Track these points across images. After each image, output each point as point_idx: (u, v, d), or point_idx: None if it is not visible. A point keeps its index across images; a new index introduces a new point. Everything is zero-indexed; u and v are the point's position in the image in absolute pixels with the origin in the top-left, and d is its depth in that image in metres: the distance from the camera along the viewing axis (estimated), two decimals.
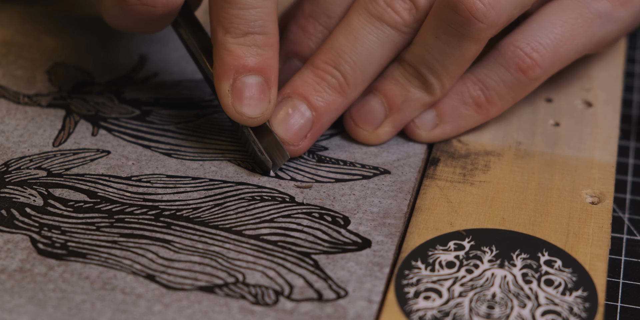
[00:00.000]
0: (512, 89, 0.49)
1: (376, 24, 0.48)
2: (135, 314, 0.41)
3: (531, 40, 0.48)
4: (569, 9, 0.49)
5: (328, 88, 0.48)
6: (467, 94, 0.49)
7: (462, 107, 0.49)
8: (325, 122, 0.48)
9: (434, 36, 0.47)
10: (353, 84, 0.48)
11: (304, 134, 0.48)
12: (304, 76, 0.48)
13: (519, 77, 0.48)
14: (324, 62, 0.48)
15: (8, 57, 0.55)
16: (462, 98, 0.49)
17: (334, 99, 0.48)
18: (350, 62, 0.48)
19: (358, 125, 0.50)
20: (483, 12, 0.46)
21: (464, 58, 0.47)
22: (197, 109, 0.52)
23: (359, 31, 0.48)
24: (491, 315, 0.42)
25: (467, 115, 0.50)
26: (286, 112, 0.48)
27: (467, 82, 0.49)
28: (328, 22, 0.50)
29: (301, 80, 0.48)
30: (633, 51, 0.61)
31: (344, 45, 0.48)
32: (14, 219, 0.45)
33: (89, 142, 0.50)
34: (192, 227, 0.45)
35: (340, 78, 0.48)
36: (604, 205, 0.47)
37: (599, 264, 0.44)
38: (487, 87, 0.49)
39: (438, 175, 0.49)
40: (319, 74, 0.48)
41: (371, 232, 0.45)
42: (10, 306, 0.41)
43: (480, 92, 0.49)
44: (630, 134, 0.55)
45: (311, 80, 0.48)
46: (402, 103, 0.49)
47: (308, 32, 0.51)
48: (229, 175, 0.48)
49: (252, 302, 0.42)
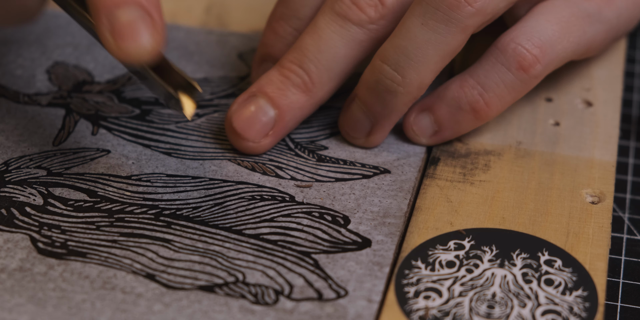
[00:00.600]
0: (512, 88, 0.49)
1: (340, 23, 0.48)
2: (135, 313, 0.41)
3: (531, 37, 0.48)
4: (561, 8, 0.50)
5: (292, 87, 0.48)
6: (464, 100, 0.49)
7: (459, 113, 0.49)
8: (288, 120, 0.48)
9: (420, 22, 0.46)
10: (318, 83, 0.48)
11: (266, 132, 0.48)
12: (270, 75, 0.49)
13: (520, 76, 0.48)
14: (290, 62, 0.48)
15: (8, 56, 0.55)
16: (458, 104, 0.49)
17: (298, 98, 0.48)
18: (314, 61, 0.48)
19: (350, 135, 0.50)
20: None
21: (448, 48, 0.46)
22: (197, 108, 0.52)
23: (323, 30, 0.48)
24: (491, 314, 0.42)
25: (466, 121, 0.49)
26: (249, 110, 0.48)
27: (465, 87, 0.49)
28: (298, 23, 0.50)
29: (267, 79, 0.49)
30: (633, 51, 0.61)
31: (309, 45, 0.48)
32: (14, 218, 0.45)
33: (89, 141, 0.50)
34: (192, 227, 0.45)
35: (305, 77, 0.48)
36: (604, 205, 0.47)
37: (599, 263, 0.44)
38: (486, 90, 0.49)
39: (438, 175, 0.49)
40: (284, 73, 0.48)
41: (371, 232, 0.45)
42: (10, 305, 0.41)
43: (479, 96, 0.49)
44: (630, 133, 0.55)
45: (276, 79, 0.48)
46: (384, 109, 0.48)
47: (279, 35, 0.51)
48: (229, 175, 0.48)
49: (252, 301, 0.42)
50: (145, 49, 0.42)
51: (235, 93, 0.53)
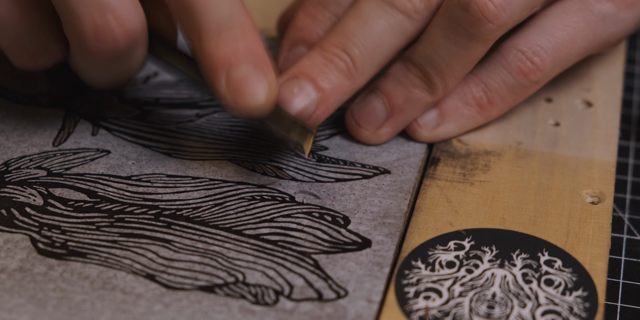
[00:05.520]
0: (513, 91, 0.49)
1: (387, 9, 0.47)
2: (135, 313, 0.41)
3: (532, 44, 0.48)
4: (572, 11, 0.49)
5: (336, 70, 0.47)
6: (469, 95, 0.49)
7: (465, 107, 0.50)
8: (330, 104, 0.48)
9: (442, 35, 0.47)
10: (361, 68, 0.48)
11: (308, 115, 0.47)
12: (312, 58, 0.48)
13: (521, 80, 0.48)
14: (333, 45, 0.48)
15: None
16: (464, 98, 0.49)
17: (341, 82, 0.48)
18: (359, 46, 0.47)
19: (360, 125, 0.50)
20: (494, 13, 0.45)
21: (470, 58, 0.47)
22: (197, 108, 0.52)
23: (369, 16, 0.47)
24: (491, 315, 0.42)
25: (470, 116, 0.50)
26: (291, 91, 0.47)
27: (470, 83, 0.49)
28: (337, 9, 0.50)
29: (309, 62, 0.48)
30: (633, 51, 0.61)
31: (354, 29, 0.47)
32: (14, 219, 0.45)
33: (89, 142, 0.50)
34: (192, 227, 0.45)
35: (349, 61, 0.47)
36: (604, 205, 0.47)
37: (599, 264, 0.44)
38: (489, 89, 0.49)
39: (438, 175, 0.49)
40: (327, 56, 0.48)
41: (371, 232, 0.45)
42: (10, 306, 0.41)
43: (482, 93, 0.49)
44: (630, 134, 0.55)
45: (319, 62, 0.48)
46: (404, 104, 0.49)
47: (317, 19, 0.50)
48: (229, 175, 0.48)
49: (252, 301, 0.42)
50: (261, 103, 0.45)
51: None
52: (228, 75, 0.45)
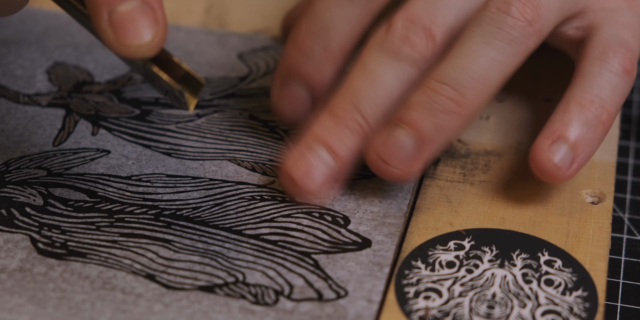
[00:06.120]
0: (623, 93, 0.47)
1: (392, 63, 0.46)
2: (135, 313, 0.41)
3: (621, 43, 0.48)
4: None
5: (350, 134, 0.46)
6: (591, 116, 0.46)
7: (591, 131, 0.46)
8: (347, 168, 0.46)
9: (483, 42, 0.45)
10: (374, 125, 0.46)
11: (331, 185, 0.46)
12: (324, 124, 0.46)
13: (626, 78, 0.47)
14: (344, 109, 0.46)
15: (8, 56, 0.55)
16: (587, 122, 0.46)
17: (356, 143, 0.46)
18: (371, 104, 0.46)
19: (389, 164, 0.45)
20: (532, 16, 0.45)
21: (509, 69, 0.45)
22: (197, 108, 0.52)
23: (376, 72, 0.46)
24: (491, 315, 0.42)
25: (597, 138, 0.46)
26: (310, 164, 0.46)
27: (585, 102, 0.46)
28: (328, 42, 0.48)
29: (321, 129, 0.46)
30: None
31: (362, 88, 0.46)
32: (14, 219, 0.45)
33: (89, 142, 0.50)
34: (192, 227, 0.45)
35: (362, 122, 0.46)
36: (604, 205, 0.47)
37: (599, 264, 0.44)
38: (604, 99, 0.46)
39: (438, 175, 0.49)
40: (339, 121, 0.46)
41: (371, 232, 0.45)
42: (10, 306, 0.41)
43: (601, 109, 0.46)
44: (630, 134, 0.55)
45: (332, 128, 0.46)
46: (435, 133, 0.45)
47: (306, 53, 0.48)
48: (229, 175, 0.48)
49: (252, 301, 0.42)
50: (146, 42, 0.41)
51: (235, 93, 0.53)
52: (111, 9, 0.41)
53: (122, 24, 0.41)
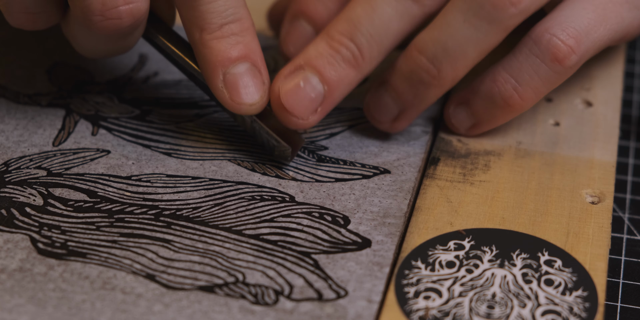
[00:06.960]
0: (546, 80, 0.48)
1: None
2: (135, 313, 0.41)
3: (566, 26, 0.47)
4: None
5: (342, 61, 0.47)
6: (498, 95, 0.48)
7: (495, 108, 0.49)
8: (337, 97, 0.47)
9: (462, 19, 0.46)
10: (368, 57, 0.47)
11: (315, 108, 0.47)
12: (318, 47, 0.47)
13: (555, 67, 0.47)
14: (340, 34, 0.47)
15: (8, 56, 0.55)
16: (493, 99, 0.48)
17: (348, 73, 0.47)
18: (366, 35, 0.47)
19: (375, 119, 0.50)
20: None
21: (486, 45, 0.46)
22: (197, 108, 0.52)
23: (377, 2, 0.47)
24: (491, 315, 0.42)
25: (501, 115, 0.49)
26: (297, 84, 0.47)
27: (499, 81, 0.48)
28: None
29: (315, 51, 0.47)
30: (633, 51, 0.61)
31: (361, 17, 0.47)
32: (14, 219, 0.45)
33: (89, 142, 0.50)
34: (192, 227, 0.45)
35: (356, 51, 0.47)
36: (604, 205, 0.47)
37: (599, 263, 0.44)
38: (520, 84, 0.48)
39: (438, 175, 0.49)
40: (333, 45, 0.47)
41: (371, 232, 0.45)
42: (10, 306, 0.41)
43: (512, 91, 0.48)
44: (630, 134, 0.55)
45: (325, 52, 0.47)
46: (414, 99, 0.48)
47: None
48: (228, 175, 0.48)
49: (252, 301, 0.42)
50: (257, 101, 0.46)
51: None
52: (226, 70, 0.46)
53: (235, 84, 0.46)
